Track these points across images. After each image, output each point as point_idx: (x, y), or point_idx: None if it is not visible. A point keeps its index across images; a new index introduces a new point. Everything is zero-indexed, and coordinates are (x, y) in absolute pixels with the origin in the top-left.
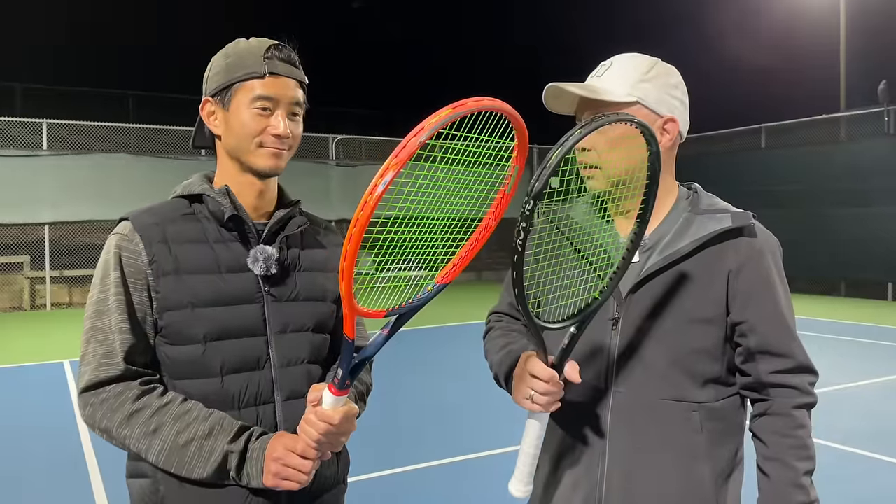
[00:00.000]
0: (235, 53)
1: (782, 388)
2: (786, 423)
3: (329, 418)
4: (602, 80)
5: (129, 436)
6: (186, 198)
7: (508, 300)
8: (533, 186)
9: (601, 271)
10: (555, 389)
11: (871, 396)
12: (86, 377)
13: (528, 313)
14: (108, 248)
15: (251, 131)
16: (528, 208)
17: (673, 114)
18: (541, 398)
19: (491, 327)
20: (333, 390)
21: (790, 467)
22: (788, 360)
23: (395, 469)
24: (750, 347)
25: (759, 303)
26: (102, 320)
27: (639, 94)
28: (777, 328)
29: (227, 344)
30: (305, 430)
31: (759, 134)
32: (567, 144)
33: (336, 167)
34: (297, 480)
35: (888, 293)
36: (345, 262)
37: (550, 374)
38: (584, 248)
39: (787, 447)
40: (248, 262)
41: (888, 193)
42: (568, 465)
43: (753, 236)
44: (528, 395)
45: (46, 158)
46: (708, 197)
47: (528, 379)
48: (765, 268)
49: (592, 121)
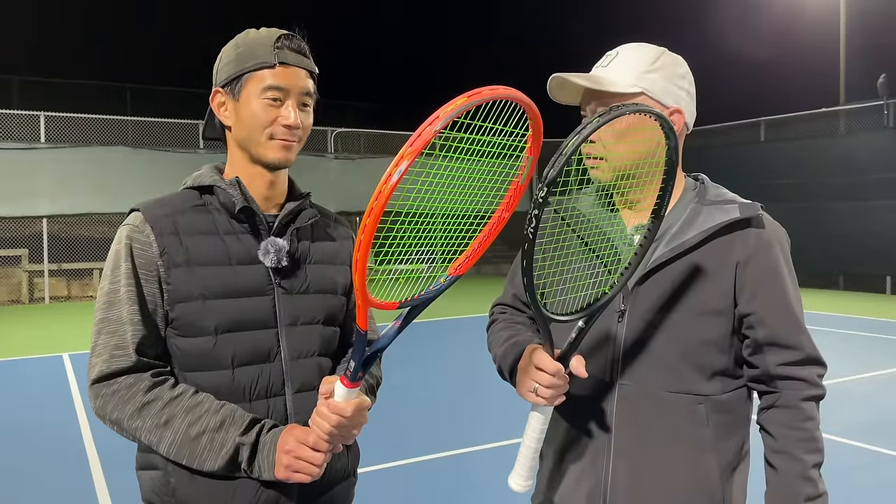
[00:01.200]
0: (245, 43)
1: (790, 380)
2: (794, 416)
3: (341, 410)
4: (607, 70)
5: (141, 427)
6: (197, 189)
7: (512, 291)
8: (547, 174)
9: (610, 266)
10: (560, 383)
11: (871, 389)
12: (97, 368)
13: (536, 304)
14: (119, 239)
15: (262, 122)
16: (542, 195)
17: (679, 105)
18: (545, 391)
19: (494, 319)
20: (346, 382)
21: (798, 460)
22: (797, 351)
23: (393, 462)
24: (758, 339)
25: (768, 294)
26: (113, 311)
27: (644, 84)
28: (785, 320)
29: (237, 336)
30: (317, 423)
31: (758, 127)
32: (584, 132)
33: (335, 160)
34: (309, 473)
35: (887, 286)
36: (358, 253)
37: (556, 367)
38: (592, 240)
39: (796, 440)
40: (259, 254)
41: (887, 187)
42: (572, 459)
43: (762, 227)
44: (532, 387)
45: (44, 151)
46: (715, 188)
47: (534, 371)
48: (773, 259)
49: (611, 111)
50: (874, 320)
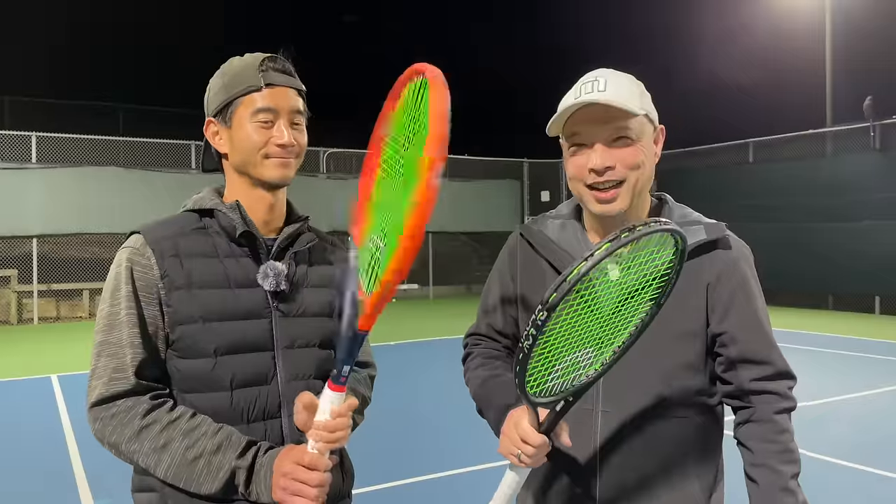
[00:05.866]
0: (231, 71)
1: (764, 394)
2: (769, 429)
3: (342, 414)
4: (607, 94)
5: (139, 451)
6: (197, 212)
7: (486, 321)
8: (549, 298)
9: (604, 346)
10: (544, 451)
11: (861, 409)
12: (97, 391)
13: (525, 393)
14: (120, 262)
15: (255, 144)
16: (542, 318)
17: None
18: (528, 459)
19: (470, 352)
20: (335, 386)
21: (777, 472)
22: (768, 366)
23: (385, 484)
24: (731, 357)
25: (738, 313)
26: (114, 334)
27: (645, 105)
28: (756, 336)
29: (236, 358)
30: (316, 435)
31: (747, 149)
32: (596, 257)
33: (327, 180)
34: (307, 496)
35: (876, 306)
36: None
37: (541, 440)
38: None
39: (773, 452)
40: (258, 277)
41: (875, 208)
42: (558, 488)
43: (728, 248)
44: (515, 453)
45: (35, 171)
46: (679, 208)
47: (518, 441)
48: (741, 278)
49: (633, 230)
50: (863, 340)
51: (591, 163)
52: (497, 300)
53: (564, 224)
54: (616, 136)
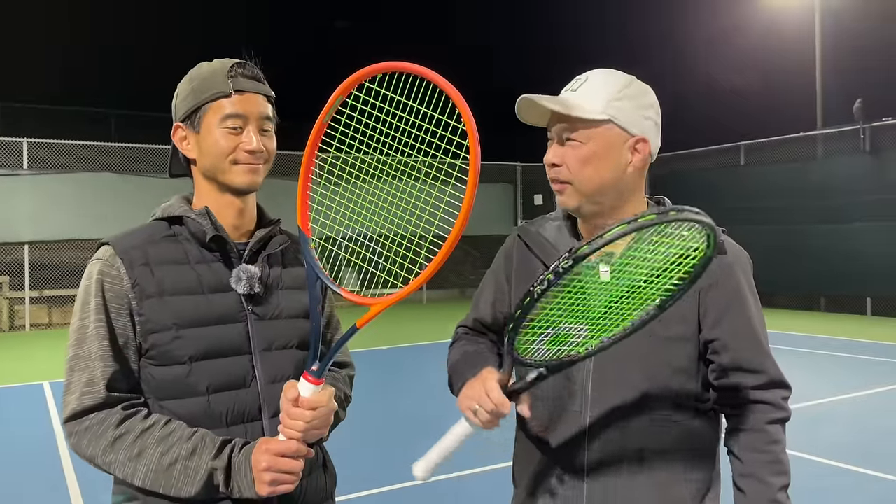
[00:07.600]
0: (199, 76)
1: (756, 403)
2: (760, 439)
3: (317, 403)
4: (576, 95)
5: (114, 462)
6: (166, 220)
7: (474, 316)
8: (580, 249)
9: (595, 331)
10: (500, 414)
11: (853, 410)
12: (70, 406)
13: (512, 346)
14: (90, 275)
15: (224, 150)
16: (566, 265)
17: (645, 134)
18: (484, 415)
19: (458, 338)
20: (312, 379)
21: (766, 483)
22: (761, 375)
23: (382, 488)
24: (723, 364)
25: (731, 320)
26: (84, 348)
27: (612, 112)
28: (749, 344)
29: (212, 363)
30: (290, 424)
31: (738, 151)
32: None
33: None
34: (291, 482)
35: (867, 308)
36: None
37: (502, 401)
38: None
39: (763, 463)
40: (231, 281)
41: (865, 209)
42: (545, 489)
43: (723, 253)
44: (473, 408)
45: (26, 178)
46: None
47: (480, 394)
48: (735, 284)
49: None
50: (856, 341)
51: (546, 156)
52: (490, 299)
53: (560, 225)
54: (566, 136)
